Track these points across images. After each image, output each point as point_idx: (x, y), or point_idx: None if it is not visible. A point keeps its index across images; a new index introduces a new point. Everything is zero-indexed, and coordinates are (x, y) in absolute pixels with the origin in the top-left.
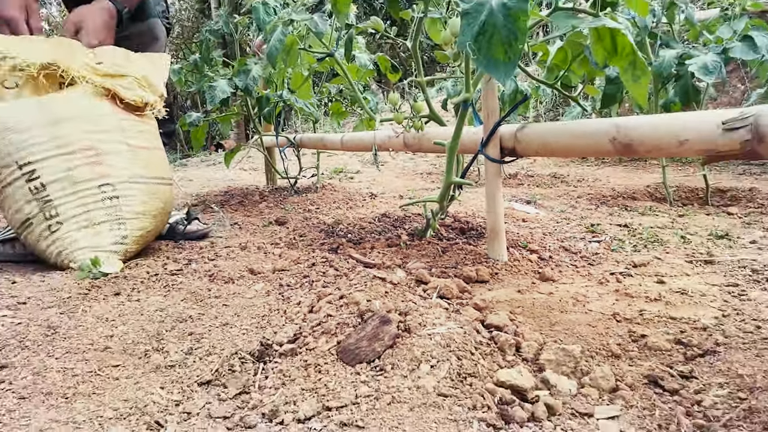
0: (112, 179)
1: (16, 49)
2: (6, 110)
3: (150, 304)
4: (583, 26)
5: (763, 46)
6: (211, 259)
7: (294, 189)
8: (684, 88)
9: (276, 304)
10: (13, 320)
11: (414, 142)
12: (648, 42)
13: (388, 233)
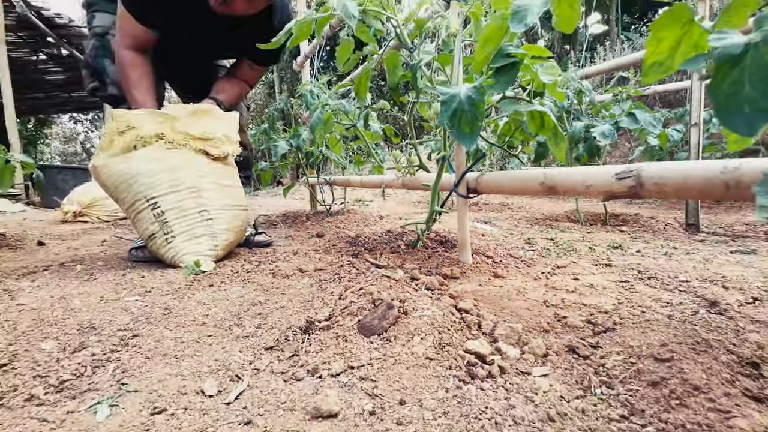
0: (208, 207)
1: (139, 122)
2: (138, 162)
3: (233, 292)
4: (521, 109)
5: (642, 120)
6: (273, 261)
7: (329, 212)
8: (589, 147)
9: (317, 293)
10: (143, 304)
11: (409, 183)
12: (565, 116)
13: (392, 244)
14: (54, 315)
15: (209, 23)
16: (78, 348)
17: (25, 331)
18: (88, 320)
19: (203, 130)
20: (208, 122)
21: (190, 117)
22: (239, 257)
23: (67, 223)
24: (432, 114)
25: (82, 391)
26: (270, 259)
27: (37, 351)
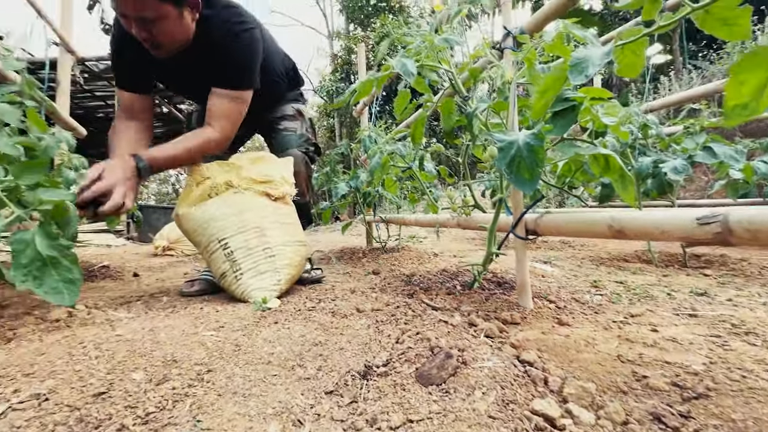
0: (271, 245)
1: (212, 173)
2: (211, 208)
3: (296, 331)
4: (583, 152)
5: (721, 153)
6: (332, 299)
7: (384, 249)
8: (659, 182)
9: (374, 335)
10: (217, 339)
11: (465, 223)
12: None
13: (447, 284)
14: (144, 347)
15: (178, 67)
16: (161, 380)
17: (120, 361)
18: (171, 353)
19: (264, 174)
20: (267, 167)
21: (251, 164)
22: (301, 294)
23: (157, 256)
24: (487, 156)
25: (163, 425)
26: (329, 297)
27: (128, 381)
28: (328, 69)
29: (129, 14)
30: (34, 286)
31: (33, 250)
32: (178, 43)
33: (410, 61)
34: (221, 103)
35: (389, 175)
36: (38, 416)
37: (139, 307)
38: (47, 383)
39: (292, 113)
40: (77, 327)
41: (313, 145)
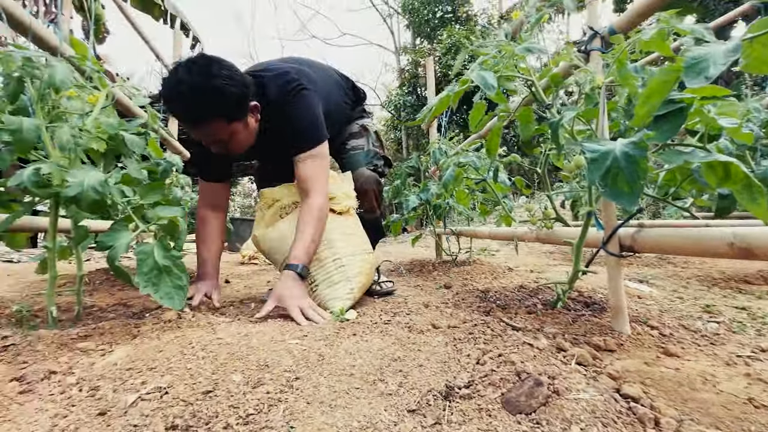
0: (339, 255)
1: (280, 195)
2: (284, 227)
3: (374, 344)
4: (694, 160)
5: None
6: (407, 313)
7: (455, 262)
8: None
9: (452, 353)
10: (302, 347)
11: (545, 237)
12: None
13: (526, 301)
14: (240, 350)
15: (257, 149)
16: (257, 384)
17: (222, 363)
18: (263, 359)
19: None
20: (329, 185)
21: None
22: (375, 306)
23: (244, 264)
24: (572, 166)
25: (261, 427)
26: (403, 311)
27: (230, 382)
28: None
29: (203, 141)
30: (152, 291)
31: (152, 259)
32: (251, 143)
33: (490, 74)
34: (305, 167)
35: (461, 187)
36: (161, 408)
37: (232, 312)
38: (166, 378)
39: (357, 130)
40: (186, 328)
41: (382, 158)
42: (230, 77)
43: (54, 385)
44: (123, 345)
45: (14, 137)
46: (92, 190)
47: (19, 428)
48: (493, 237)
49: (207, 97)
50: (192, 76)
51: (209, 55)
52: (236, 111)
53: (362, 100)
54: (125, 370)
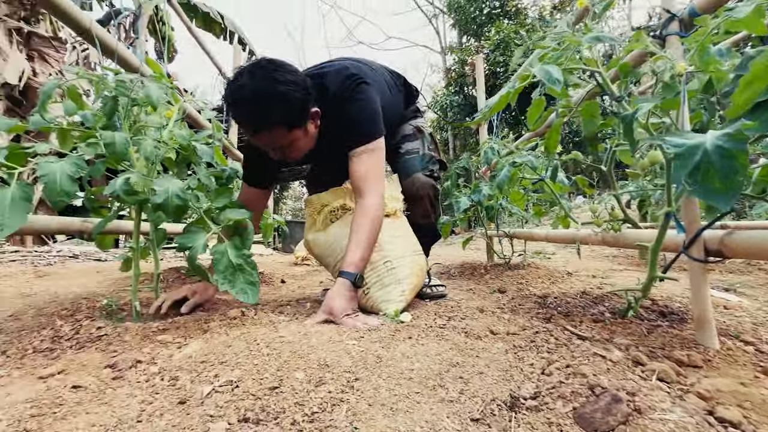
0: (390, 257)
1: (327, 200)
2: (333, 231)
3: (431, 348)
4: None
5: None
6: (462, 318)
7: (508, 266)
8: None
9: (514, 362)
10: (359, 348)
11: (612, 240)
12: None
13: (591, 309)
14: (301, 349)
15: (313, 152)
16: (319, 383)
17: (286, 360)
18: (323, 358)
19: None
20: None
21: None
22: (428, 309)
23: (297, 265)
24: (646, 163)
25: (326, 426)
26: (458, 316)
27: (293, 379)
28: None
29: (263, 147)
30: (229, 288)
31: (227, 258)
32: (308, 150)
33: (554, 68)
34: (360, 163)
35: (516, 187)
36: (233, 400)
37: (289, 311)
38: (236, 372)
39: (411, 132)
40: (250, 325)
41: (437, 162)
42: (294, 82)
43: (140, 373)
44: (196, 339)
45: (108, 150)
46: (176, 197)
47: (114, 411)
48: (551, 240)
49: (270, 103)
50: (255, 81)
51: (273, 59)
52: (298, 118)
53: (414, 97)
54: (199, 363)
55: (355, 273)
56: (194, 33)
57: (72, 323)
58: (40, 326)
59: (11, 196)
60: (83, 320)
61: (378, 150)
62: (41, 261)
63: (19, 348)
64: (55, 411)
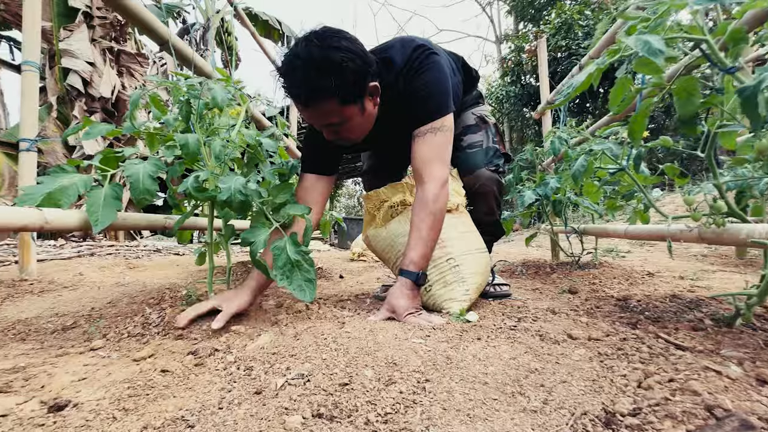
0: (453, 254)
1: (387, 196)
2: (394, 227)
3: (503, 351)
4: None
5: None
6: (533, 319)
7: (577, 264)
8: None
9: (601, 371)
10: (426, 348)
11: (712, 236)
12: None
13: (686, 315)
14: (368, 345)
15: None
16: (388, 381)
17: (353, 357)
18: (390, 356)
19: None
20: None
21: None
22: (494, 309)
23: (353, 261)
24: (765, 145)
25: (400, 428)
26: (528, 317)
27: (363, 377)
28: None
29: (315, 124)
30: (286, 284)
31: (285, 254)
32: (366, 132)
33: (655, 38)
34: (423, 144)
35: (589, 179)
36: (305, 394)
37: (351, 306)
38: (306, 366)
39: (473, 122)
40: (315, 319)
41: (502, 156)
42: (351, 51)
43: (218, 361)
44: (267, 331)
45: (183, 151)
46: (239, 193)
47: (198, 397)
48: (631, 236)
49: (322, 71)
50: (309, 48)
51: (331, 26)
52: (353, 91)
53: (475, 82)
54: (271, 354)
55: (416, 272)
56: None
57: (158, 311)
58: (132, 313)
59: (104, 196)
60: (167, 309)
61: (445, 130)
62: (131, 254)
63: (116, 332)
64: (148, 393)
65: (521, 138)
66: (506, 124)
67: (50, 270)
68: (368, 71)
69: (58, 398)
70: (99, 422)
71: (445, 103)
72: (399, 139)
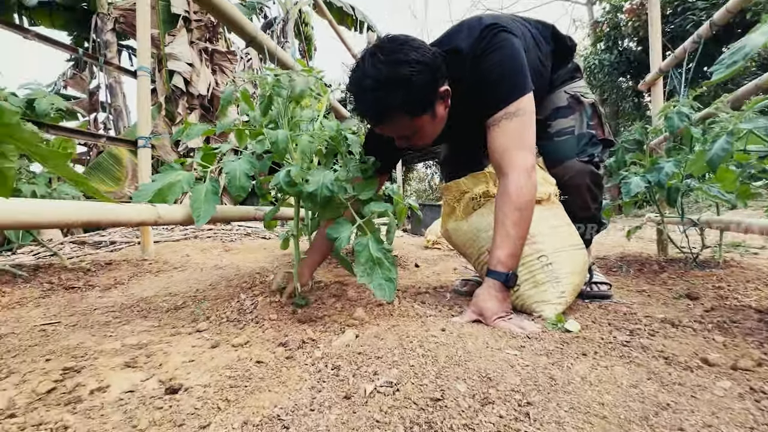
0: (545, 251)
1: (467, 187)
2: (477, 220)
3: (620, 375)
4: None
5: None
6: (650, 334)
7: (695, 262)
8: None
9: (759, 416)
10: (523, 362)
11: None
12: None
13: None
14: (457, 354)
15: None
16: (484, 401)
17: (443, 366)
18: (483, 369)
19: None
20: None
21: None
22: (597, 317)
23: (427, 249)
24: None
25: None
26: (643, 330)
27: (455, 391)
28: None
29: (387, 134)
30: (367, 281)
31: (368, 251)
32: (438, 133)
33: None
34: (499, 134)
35: (723, 164)
36: (396, 407)
37: (431, 301)
38: (394, 372)
39: (565, 103)
40: (398, 317)
41: (600, 142)
42: (419, 62)
43: (306, 355)
44: (350, 327)
45: (273, 147)
46: (326, 188)
47: (290, 394)
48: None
49: (391, 90)
50: (376, 66)
51: (396, 36)
52: (423, 104)
53: (570, 52)
54: (357, 354)
55: (505, 272)
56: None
57: (251, 298)
58: (229, 297)
59: (205, 191)
60: (259, 296)
61: (522, 113)
62: (226, 237)
63: (217, 316)
64: (246, 385)
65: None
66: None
67: (164, 251)
68: (438, 78)
69: (173, 379)
70: (206, 411)
71: (520, 83)
72: (476, 128)
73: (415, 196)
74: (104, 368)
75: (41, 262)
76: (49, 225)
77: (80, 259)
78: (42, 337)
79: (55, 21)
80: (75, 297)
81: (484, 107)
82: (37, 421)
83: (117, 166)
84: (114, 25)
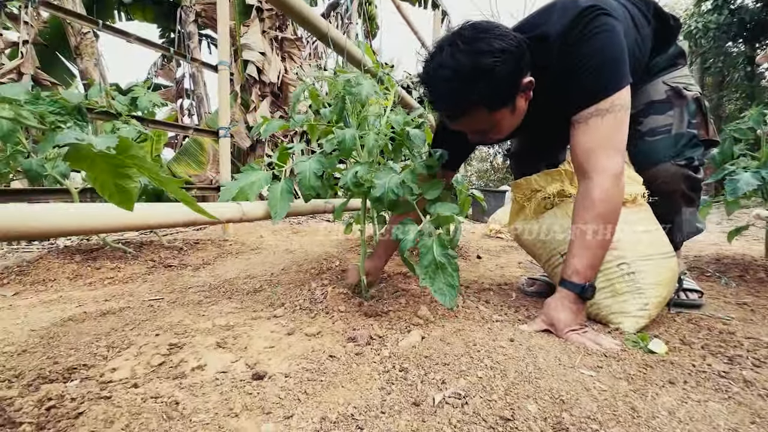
0: (626, 259)
1: (540, 185)
2: (549, 220)
3: (715, 413)
4: None
5: None
6: (756, 364)
7: None
8: None
9: None
10: (600, 385)
11: None
12: None
13: None
14: (527, 370)
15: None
16: (557, 426)
17: (512, 382)
18: (556, 389)
19: None
20: None
21: None
22: (686, 337)
23: (489, 237)
24: None
25: None
26: (745, 357)
27: (525, 411)
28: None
29: (463, 131)
30: (429, 284)
31: (431, 254)
32: (515, 127)
33: None
34: (585, 132)
35: None
36: (465, 421)
37: (495, 300)
38: (461, 383)
39: (663, 96)
40: (462, 319)
41: (701, 143)
42: (503, 50)
43: (374, 352)
44: (415, 327)
45: (340, 146)
46: (392, 192)
47: (362, 393)
48: None
49: (471, 82)
50: (455, 56)
51: (478, 23)
52: (504, 96)
53: (673, 33)
54: (423, 357)
55: (581, 284)
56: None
57: (321, 287)
58: (300, 283)
59: (280, 190)
60: (328, 286)
61: (617, 110)
62: (294, 220)
63: (291, 303)
64: (321, 378)
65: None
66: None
67: (241, 232)
68: (522, 68)
69: (257, 364)
70: (288, 402)
71: (617, 76)
72: (555, 122)
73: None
74: (201, 347)
75: (143, 239)
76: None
77: (173, 237)
78: (150, 312)
79: (147, 15)
80: (173, 275)
81: (571, 101)
82: (154, 393)
83: (200, 152)
84: (196, 17)
